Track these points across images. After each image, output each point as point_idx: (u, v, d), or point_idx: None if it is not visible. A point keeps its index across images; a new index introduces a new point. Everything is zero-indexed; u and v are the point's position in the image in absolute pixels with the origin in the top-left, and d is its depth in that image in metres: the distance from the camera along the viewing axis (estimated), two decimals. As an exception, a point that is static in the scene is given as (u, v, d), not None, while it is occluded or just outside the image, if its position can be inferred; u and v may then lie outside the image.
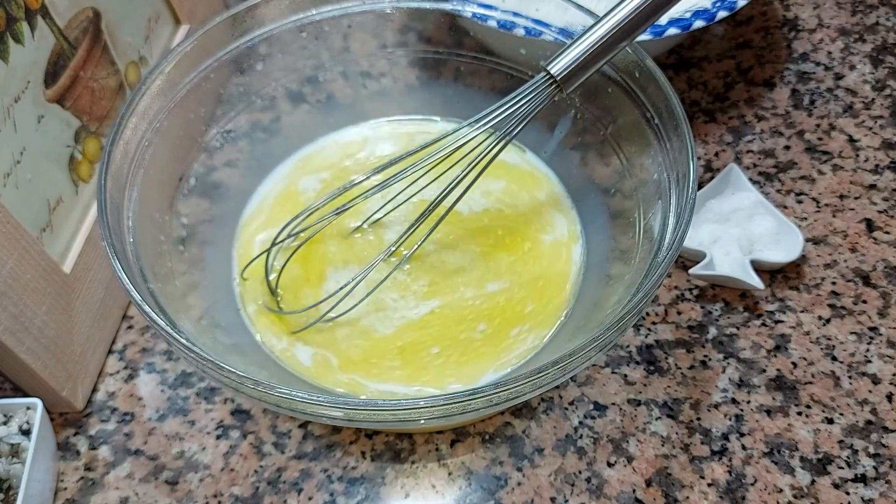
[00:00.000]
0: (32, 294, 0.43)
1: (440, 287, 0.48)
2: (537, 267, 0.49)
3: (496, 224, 0.51)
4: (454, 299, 0.47)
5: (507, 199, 0.53)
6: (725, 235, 0.52)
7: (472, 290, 0.48)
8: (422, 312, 0.47)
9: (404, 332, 0.46)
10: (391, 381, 0.44)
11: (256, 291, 0.49)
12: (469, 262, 0.49)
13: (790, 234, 0.51)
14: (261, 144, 0.54)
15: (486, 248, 0.50)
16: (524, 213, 0.52)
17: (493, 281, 0.48)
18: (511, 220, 0.52)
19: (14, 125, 0.43)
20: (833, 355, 0.48)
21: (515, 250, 0.50)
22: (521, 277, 0.48)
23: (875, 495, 0.43)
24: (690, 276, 0.51)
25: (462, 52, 0.55)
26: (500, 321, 0.47)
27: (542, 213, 0.52)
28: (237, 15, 0.49)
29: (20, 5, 0.44)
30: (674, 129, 0.41)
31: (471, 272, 0.49)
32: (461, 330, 0.46)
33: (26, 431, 0.43)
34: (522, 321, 0.47)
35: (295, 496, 0.44)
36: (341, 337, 0.46)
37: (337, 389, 0.44)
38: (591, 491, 0.43)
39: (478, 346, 0.45)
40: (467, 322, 0.46)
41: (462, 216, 0.51)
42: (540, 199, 0.53)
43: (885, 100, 0.63)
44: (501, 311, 0.47)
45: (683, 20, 0.54)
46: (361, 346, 0.46)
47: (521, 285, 0.48)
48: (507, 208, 0.52)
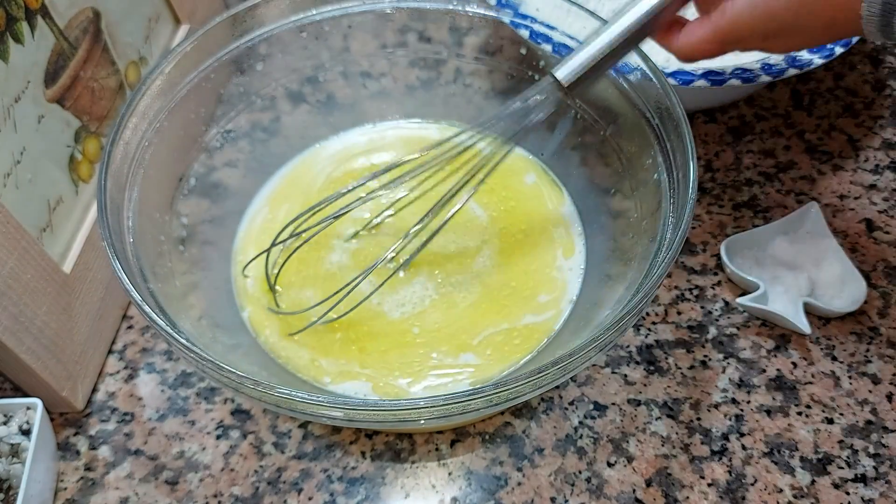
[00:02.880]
0: (32, 294, 0.43)
1: (438, 288, 0.48)
2: (537, 267, 0.49)
3: (496, 224, 0.51)
4: (454, 301, 0.47)
5: (507, 199, 0.53)
6: (788, 275, 0.50)
7: (471, 291, 0.48)
8: (420, 315, 0.47)
9: (403, 336, 0.46)
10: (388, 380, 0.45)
11: (257, 291, 0.49)
12: (469, 262, 0.49)
13: (855, 284, 0.49)
14: (261, 144, 0.54)
15: (486, 248, 0.50)
16: (524, 212, 0.52)
17: (493, 281, 0.48)
18: (511, 220, 0.52)
19: (14, 125, 0.43)
20: (833, 355, 0.48)
21: (515, 250, 0.50)
22: (522, 277, 0.48)
23: (875, 495, 0.43)
24: (737, 304, 0.50)
25: (462, 52, 0.55)
26: (501, 321, 0.47)
27: (542, 212, 0.52)
28: (237, 15, 0.49)
29: (20, 5, 0.44)
30: (674, 129, 0.41)
31: (469, 272, 0.49)
32: (461, 332, 0.46)
33: (26, 431, 0.43)
34: (522, 321, 0.47)
35: (295, 496, 0.44)
36: (339, 339, 0.46)
37: (335, 389, 0.44)
38: (591, 491, 0.43)
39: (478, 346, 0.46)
40: (468, 323, 0.46)
41: (462, 216, 0.51)
42: (540, 199, 0.53)
43: (885, 100, 0.63)
44: (501, 311, 0.47)
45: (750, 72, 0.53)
46: (360, 347, 0.46)
47: (521, 285, 0.48)
48: (507, 208, 0.52)
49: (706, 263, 0.53)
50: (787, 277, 0.50)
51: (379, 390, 0.44)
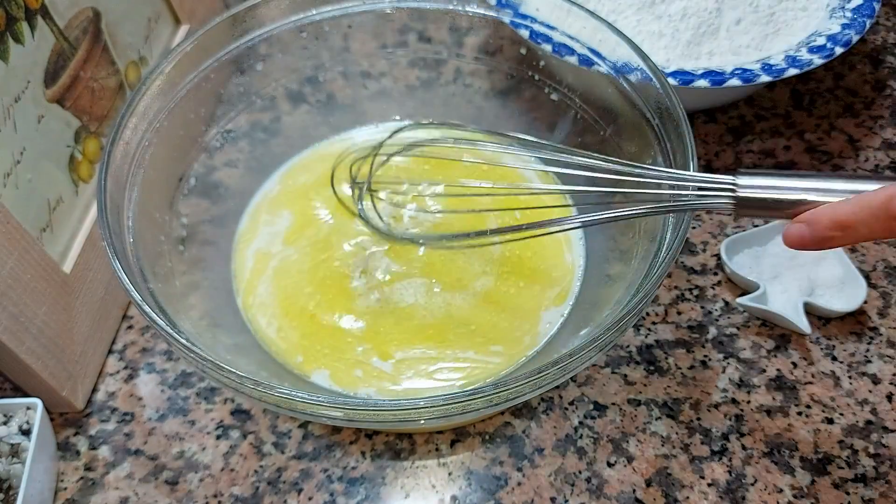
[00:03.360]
0: (32, 294, 0.43)
1: (442, 289, 0.48)
2: (537, 267, 0.49)
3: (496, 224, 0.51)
4: (455, 301, 0.47)
5: (507, 199, 0.53)
6: (788, 274, 0.50)
7: (471, 291, 0.48)
8: (447, 307, 0.47)
9: (403, 335, 0.46)
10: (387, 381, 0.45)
11: (258, 289, 0.49)
12: (470, 262, 0.49)
13: (855, 284, 0.49)
14: (261, 144, 0.54)
15: (486, 248, 0.50)
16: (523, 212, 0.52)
17: (493, 280, 0.48)
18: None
19: (14, 125, 0.43)
20: (833, 355, 0.48)
21: (516, 249, 0.50)
22: (522, 277, 0.48)
23: (875, 495, 0.43)
24: (737, 304, 0.50)
25: (462, 52, 0.55)
26: (500, 321, 0.47)
27: (542, 212, 0.52)
28: (237, 15, 0.49)
29: (20, 5, 0.44)
30: (674, 129, 0.41)
31: (472, 272, 0.49)
32: (461, 332, 0.46)
33: (26, 431, 0.43)
34: (522, 321, 0.47)
35: (295, 496, 0.44)
36: (346, 339, 0.46)
37: (335, 389, 0.44)
38: (591, 491, 0.43)
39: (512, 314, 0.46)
40: (468, 323, 0.46)
41: (462, 217, 0.51)
42: (540, 200, 0.53)
43: (885, 100, 0.63)
44: (501, 311, 0.47)
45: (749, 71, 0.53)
46: (366, 348, 0.46)
47: (521, 285, 0.48)
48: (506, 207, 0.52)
49: (706, 263, 0.53)
50: (787, 277, 0.50)
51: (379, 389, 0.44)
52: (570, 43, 0.49)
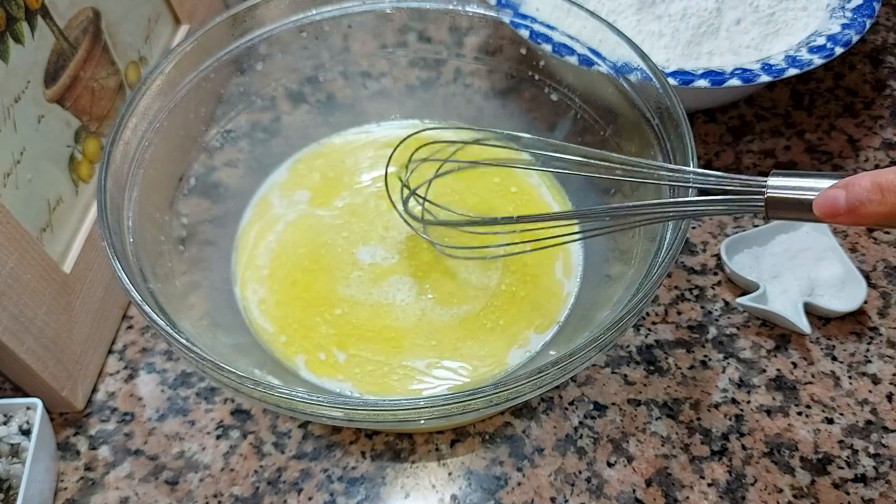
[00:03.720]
0: (32, 294, 0.43)
1: (442, 289, 0.48)
2: (537, 266, 0.49)
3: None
4: (433, 313, 0.47)
5: (508, 199, 0.53)
6: (788, 274, 0.50)
7: (471, 290, 0.48)
8: (421, 316, 0.47)
9: (366, 331, 0.47)
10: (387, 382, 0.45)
11: (258, 290, 0.49)
12: (469, 281, 0.49)
13: (855, 284, 0.49)
14: (261, 144, 0.54)
15: (489, 274, 0.49)
16: (523, 212, 0.52)
17: (493, 281, 0.48)
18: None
19: (14, 125, 0.43)
20: (833, 355, 0.48)
21: (513, 286, 0.49)
22: (522, 277, 0.48)
23: (875, 495, 0.43)
24: (737, 304, 0.50)
25: (462, 52, 0.55)
26: (500, 320, 0.47)
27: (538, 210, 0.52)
28: (237, 15, 0.49)
29: (20, 5, 0.44)
30: (674, 129, 0.41)
31: (471, 272, 0.49)
32: (420, 344, 0.46)
33: (26, 431, 0.43)
34: (522, 321, 0.47)
35: (295, 496, 0.44)
36: (344, 339, 0.46)
37: (335, 388, 0.44)
38: (591, 491, 0.43)
39: (517, 302, 0.47)
40: (468, 324, 0.46)
41: (462, 216, 0.51)
42: (540, 199, 0.53)
43: (885, 100, 0.63)
44: (501, 311, 0.47)
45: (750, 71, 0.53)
46: (365, 347, 0.46)
47: (520, 285, 0.48)
48: (507, 207, 0.52)
49: (706, 263, 0.53)
50: (787, 277, 0.50)
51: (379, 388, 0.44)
52: (570, 43, 0.49)
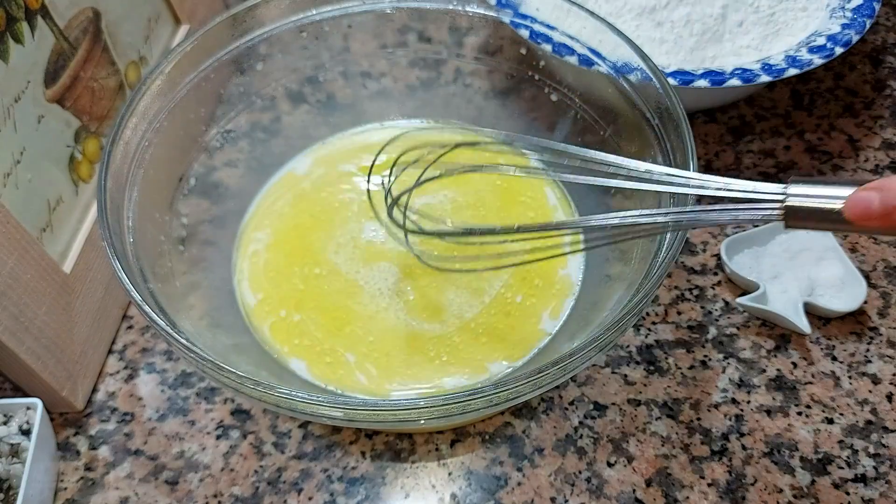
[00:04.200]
0: (32, 294, 0.43)
1: (421, 298, 0.48)
2: (537, 266, 0.49)
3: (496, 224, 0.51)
4: (423, 317, 0.47)
5: (508, 199, 0.53)
6: (788, 274, 0.50)
7: (446, 314, 0.48)
8: (381, 312, 0.47)
9: (350, 321, 0.47)
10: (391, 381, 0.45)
11: (258, 288, 0.49)
12: (458, 296, 0.48)
13: (855, 284, 0.49)
14: (261, 144, 0.54)
15: (481, 296, 0.49)
16: (524, 212, 0.52)
17: (493, 280, 0.48)
18: (510, 219, 0.52)
19: (14, 125, 0.43)
20: (833, 355, 0.48)
21: (499, 318, 0.49)
22: (521, 277, 0.48)
23: (875, 495, 0.43)
24: (737, 304, 0.50)
25: (462, 52, 0.55)
26: (500, 320, 0.47)
27: (542, 213, 0.52)
28: (237, 15, 0.49)
29: (20, 5, 0.44)
30: (674, 129, 0.41)
31: (460, 294, 0.48)
32: (401, 347, 0.46)
33: (26, 431, 0.43)
34: (521, 321, 0.47)
35: (295, 496, 0.44)
36: (305, 300, 0.47)
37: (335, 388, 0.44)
38: (591, 491, 0.43)
39: (479, 345, 0.46)
40: (469, 323, 0.46)
41: (462, 216, 0.51)
42: (544, 199, 0.53)
43: (885, 100, 0.63)
44: (501, 311, 0.47)
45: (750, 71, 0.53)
46: (368, 346, 0.46)
47: (521, 285, 0.48)
48: (507, 207, 0.52)
49: (706, 263, 0.53)
50: (787, 277, 0.50)
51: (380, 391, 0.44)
52: (570, 43, 0.49)
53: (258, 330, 0.47)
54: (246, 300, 0.48)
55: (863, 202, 0.29)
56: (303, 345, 0.46)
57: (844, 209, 0.30)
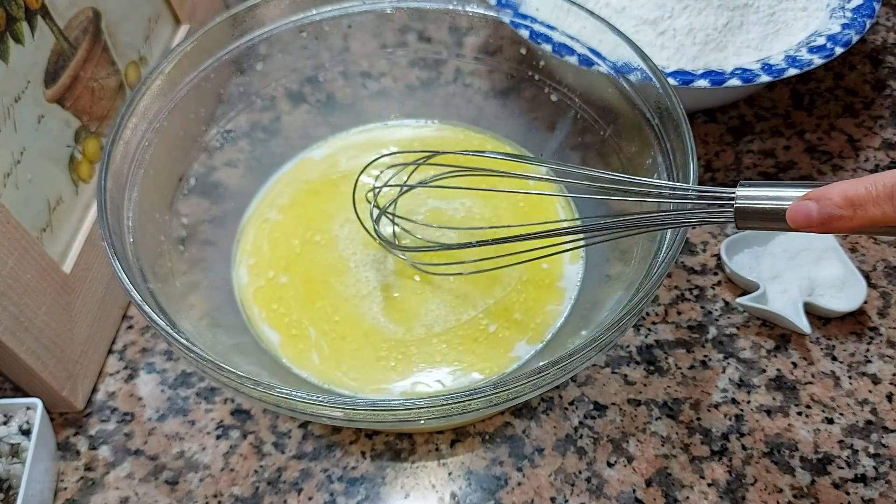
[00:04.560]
0: (32, 294, 0.43)
1: (404, 298, 0.48)
2: (537, 266, 0.49)
3: (496, 224, 0.51)
4: (433, 312, 0.47)
5: (508, 199, 0.53)
6: (788, 274, 0.50)
7: (453, 307, 0.47)
8: (357, 301, 0.47)
9: (327, 296, 0.47)
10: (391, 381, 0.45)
11: (259, 288, 0.49)
12: (441, 305, 0.48)
13: (855, 284, 0.49)
14: (261, 144, 0.54)
15: (487, 248, 0.50)
16: (524, 212, 0.52)
17: (478, 301, 0.48)
18: (511, 218, 0.52)
19: (14, 125, 0.43)
20: (833, 355, 0.48)
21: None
22: (521, 277, 0.48)
23: (875, 495, 0.43)
24: (737, 304, 0.50)
25: (462, 52, 0.55)
26: (500, 319, 0.46)
27: (542, 212, 0.52)
28: (237, 15, 0.49)
29: (20, 5, 0.44)
30: (674, 129, 0.41)
31: (445, 302, 0.48)
32: (464, 333, 0.46)
33: (26, 431, 0.43)
34: (521, 321, 0.47)
35: (295, 496, 0.44)
36: (292, 264, 0.48)
37: (337, 389, 0.44)
38: (591, 491, 0.43)
39: (480, 345, 0.46)
40: (433, 338, 0.46)
41: (462, 216, 0.51)
42: (551, 211, 0.53)
43: (885, 100, 0.63)
44: (501, 310, 0.47)
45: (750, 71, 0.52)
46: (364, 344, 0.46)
47: (520, 285, 0.48)
48: (508, 207, 0.52)
49: (706, 263, 0.53)
50: (787, 277, 0.50)
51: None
52: (570, 43, 0.49)
53: (243, 293, 0.48)
54: (240, 261, 0.50)
55: (803, 212, 0.31)
56: (278, 312, 0.47)
57: (787, 217, 0.31)
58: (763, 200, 0.32)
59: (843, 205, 0.29)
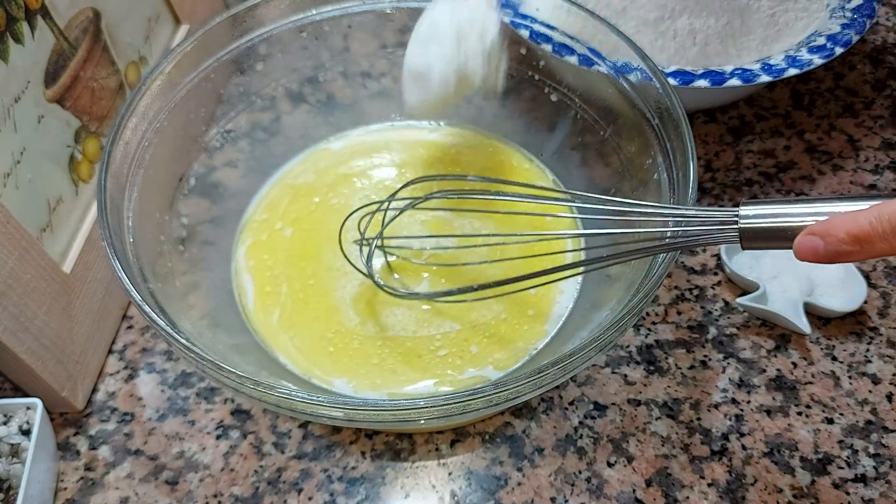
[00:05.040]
0: (32, 294, 0.43)
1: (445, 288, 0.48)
2: (537, 266, 0.49)
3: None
4: (424, 314, 0.47)
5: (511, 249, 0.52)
6: (788, 274, 0.50)
7: (451, 310, 0.47)
8: (386, 316, 0.47)
9: (405, 338, 0.46)
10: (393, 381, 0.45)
11: (260, 287, 0.49)
12: (435, 326, 0.48)
13: (855, 284, 0.49)
14: (261, 144, 0.54)
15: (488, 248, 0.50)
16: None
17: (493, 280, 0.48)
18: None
19: (14, 125, 0.43)
20: (833, 355, 0.48)
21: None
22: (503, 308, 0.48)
23: (875, 495, 0.43)
24: (737, 304, 0.50)
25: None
26: (499, 320, 0.46)
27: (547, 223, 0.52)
28: (237, 15, 0.49)
29: (20, 5, 0.44)
30: (674, 129, 0.41)
31: (471, 273, 0.48)
32: (411, 346, 0.46)
33: (26, 431, 0.43)
34: (522, 321, 0.47)
35: (295, 496, 0.44)
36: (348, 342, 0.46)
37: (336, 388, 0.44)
38: (591, 491, 0.43)
39: (422, 361, 0.45)
40: (422, 339, 0.46)
41: (469, 225, 0.51)
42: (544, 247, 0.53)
43: (885, 100, 0.63)
44: (501, 311, 0.47)
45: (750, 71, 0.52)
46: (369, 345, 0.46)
47: (467, 358, 0.47)
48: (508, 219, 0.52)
49: (706, 263, 0.53)
50: (787, 277, 0.50)
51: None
52: (570, 43, 0.49)
53: (241, 245, 0.50)
54: (251, 217, 0.52)
55: (809, 247, 0.31)
56: (266, 263, 0.49)
57: (794, 251, 0.32)
58: (767, 220, 0.32)
59: (849, 241, 0.30)
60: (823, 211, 0.31)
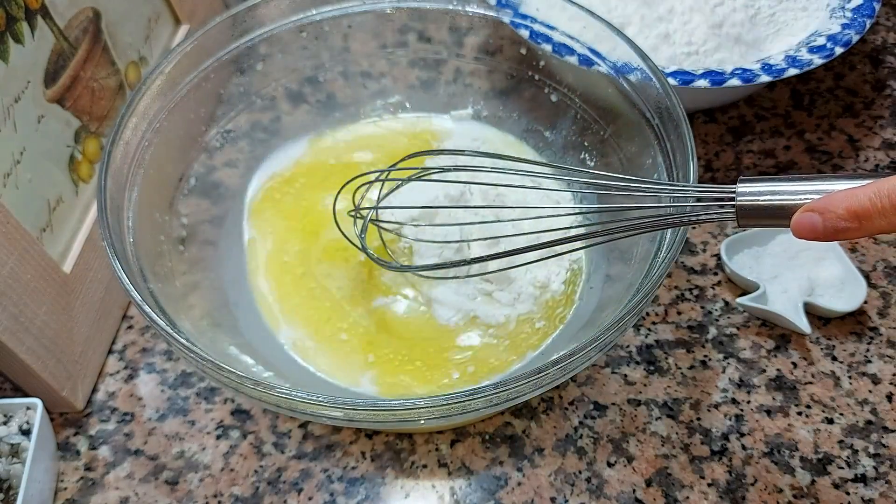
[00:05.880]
0: (32, 294, 0.43)
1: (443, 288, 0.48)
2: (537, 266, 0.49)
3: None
4: (419, 317, 0.47)
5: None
6: (788, 274, 0.50)
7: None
8: (424, 318, 0.47)
9: (407, 339, 0.46)
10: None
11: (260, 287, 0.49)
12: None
13: (855, 284, 0.49)
14: (261, 144, 0.54)
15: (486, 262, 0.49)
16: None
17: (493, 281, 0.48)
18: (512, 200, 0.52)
19: (14, 125, 0.43)
20: (833, 355, 0.48)
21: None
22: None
23: (875, 495, 0.43)
24: (737, 304, 0.50)
25: (462, 52, 0.55)
26: (500, 320, 0.47)
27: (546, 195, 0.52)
28: (237, 15, 0.49)
29: (20, 5, 0.44)
30: (674, 129, 0.41)
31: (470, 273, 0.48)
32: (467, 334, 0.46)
33: (26, 431, 0.43)
34: (521, 321, 0.47)
35: (295, 496, 0.44)
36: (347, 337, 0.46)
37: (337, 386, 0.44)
38: (591, 491, 0.43)
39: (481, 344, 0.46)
40: (471, 322, 0.46)
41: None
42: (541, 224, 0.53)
43: (885, 100, 0.63)
44: (501, 311, 0.47)
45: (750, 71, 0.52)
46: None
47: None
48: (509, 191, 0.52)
49: (706, 263, 0.53)
50: (787, 277, 0.50)
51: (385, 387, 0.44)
52: (570, 43, 0.49)
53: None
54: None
55: (808, 223, 0.31)
56: (270, 218, 0.51)
57: (792, 228, 0.31)
58: (764, 197, 0.32)
59: (848, 218, 0.29)
60: (822, 188, 0.31)
